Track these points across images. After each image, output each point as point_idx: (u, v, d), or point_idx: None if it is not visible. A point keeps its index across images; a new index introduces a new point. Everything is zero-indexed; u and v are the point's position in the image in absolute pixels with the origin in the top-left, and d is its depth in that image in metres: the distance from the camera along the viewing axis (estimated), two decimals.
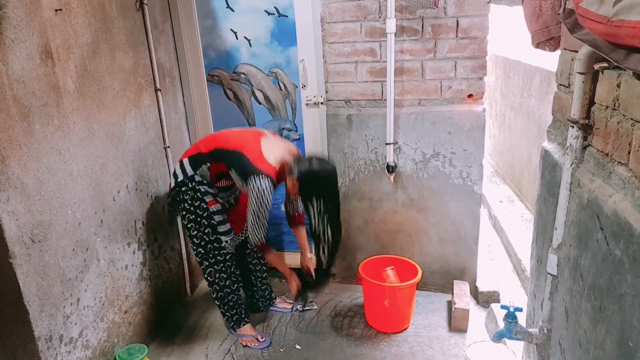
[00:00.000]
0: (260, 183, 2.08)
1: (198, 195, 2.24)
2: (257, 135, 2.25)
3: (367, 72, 2.57)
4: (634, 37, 0.91)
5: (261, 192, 2.08)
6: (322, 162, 2.17)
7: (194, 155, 2.25)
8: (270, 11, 2.65)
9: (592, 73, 1.30)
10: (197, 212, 2.25)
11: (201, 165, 2.22)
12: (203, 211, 2.25)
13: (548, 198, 1.62)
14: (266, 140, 2.23)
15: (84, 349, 2.00)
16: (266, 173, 2.10)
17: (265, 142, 2.21)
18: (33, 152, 1.70)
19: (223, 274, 2.35)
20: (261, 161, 2.13)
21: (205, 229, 2.27)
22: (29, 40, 1.67)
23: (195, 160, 2.24)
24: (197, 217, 2.26)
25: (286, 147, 2.27)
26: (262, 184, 2.08)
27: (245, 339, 2.44)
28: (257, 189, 2.08)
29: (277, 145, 2.25)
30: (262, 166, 2.12)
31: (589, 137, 1.34)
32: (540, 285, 1.70)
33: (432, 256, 2.78)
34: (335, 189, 2.22)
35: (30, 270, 1.69)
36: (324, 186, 2.15)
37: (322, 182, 2.14)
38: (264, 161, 2.13)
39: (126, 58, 2.28)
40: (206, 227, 2.27)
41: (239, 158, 2.15)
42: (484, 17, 2.37)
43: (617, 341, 1.09)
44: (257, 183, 2.08)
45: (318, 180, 2.13)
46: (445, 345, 2.38)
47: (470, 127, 2.50)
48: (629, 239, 1.02)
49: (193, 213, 2.26)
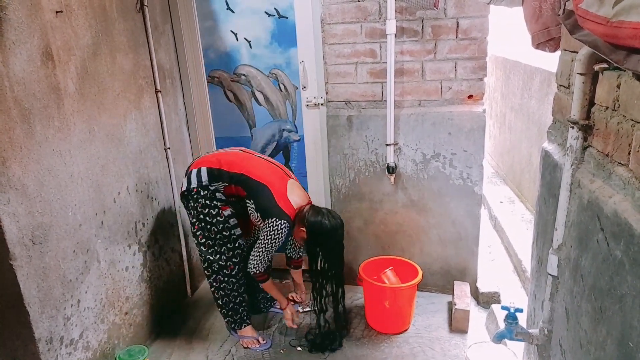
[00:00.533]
0: (280, 226, 2.16)
1: (210, 202, 2.22)
2: (284, 175, 2.30)
3: (367, 73, 2.57)
4: (633, 37, 0.91)
5: (278, 234, 2.17)
6: (332, 218, 2.25)
7: (214, 169, 2.23)
8: (270, 12, 2.65)
9: (592, 74, 1.30)
10: (207, 219, 2.24)
11: (219, 181, 2.23)
12: (214, 217, 2.24)
13: (548, 199, 1.62)
14: (291, 182, 2.30)
15: (85, 350, 2.00)
16: (288, 216, 2.18)
17: (290, 184, 2.28)
18: (34, 153, 1.70)
19: (233, 278, 2.35)
20: (285, 203, 2.19)
21: (217, 235, 2.26)
22: (30, 42, 1.68)
23: (213, 174, 2.23)
24: (207, 224, 2.25)
25: (305, 195, 2.34)
26: (282, 227, 2.16)
27: (246, 340, 2.44)
28: (276, 231, 2.16)
29: (298, 190, 2.32)
30: (285, 208, 2.18)
31: (589, 138, 1.34)
32: (540, 286, 1.70)
33: (433, 257, 2.78)
34: (340, 244, 2.30)
35: (30, 271, 1.69)
36: (330, 240, 2.24)
37: (327, 236, 2.22)
38: (287, 204, 2.20)
39: (126, 59, 2.29)
40: (218, 233, 2.26)
41: (263, 192, 2.19)
42: (484, 18, 2.37)
43: (617, 342, 1.08)
44: (277, 225, 2.16)
45: (325, 234, 2.22)
46: (446, 346, 2.38)
47: (470, 128, 2.50)
48: (629, 239, 1.02)
49: (203, 221, 2.25)
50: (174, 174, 2.70)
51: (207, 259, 2.33)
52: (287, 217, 2.19)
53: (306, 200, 2.33)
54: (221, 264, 2.32)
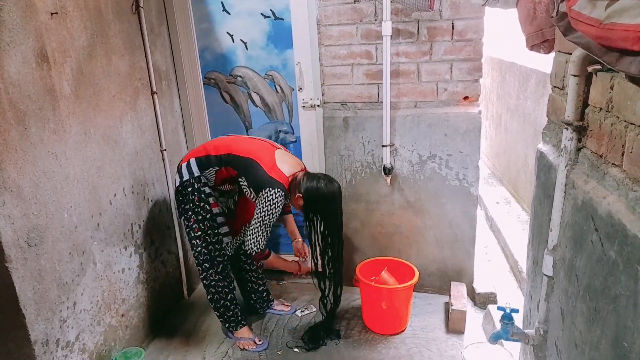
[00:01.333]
0: (275, 195, 2.10)
1: (203, 197, 2.23)
2: (271, 146, 2.28)
3: (363, 75, 2.58)
4: (625, 39, 0.91)
5: (274, 204, 2.11)
6: (328, 182, 2.20)
7: (202, 157, 2.24)
8: (266, 14, 2.66)
9: (585, 75, 1.30)
10: (202, 214, 2.25)
11: (209, 168, 2.22)
12: (207, 212, 2.25)
13: (543, 199, 1.62)
14: (280, 152, 2.26)
15: (81, 352, 2.00)
16: (281, 184, 2.13)
17: (279, 153, 2.24)
18: (29, 155, 1.69)
19: (220, 275, 2.35)
20: (276, 172, 2.15)
21: (208, 230, 2.27)
22: (25, 43, 1.67)
23: (202, 163, 2.23)
24: (202, 218, 2.25)
25: (297, 163, 2.30)
26: (276, 196, 2.10)
27: (243, 342, 2.44)
28: (271, 201, 2.10)
29: (289, 158, 2.28)
30: (277, 177, 2.14)
31: (583, 139, 1.35)
32: (536, 287, 1.70)
33: (429, 258, 2.79)
34: (338, 210, 2.26)
35: (26, 274, 1.68)
36: (327, 205, 2.19)
37: (325, 201, 2.18)
38: (278, 172, 2.16)
39: (122, 61, 2.28)
40: (209, 229, 2.26)
41: (252, 165, 2.16)
42: (479, 20, 2.38)
43: (612, 342, 1.09)
44: (270, 195, 2.10)
45: (322, 199, 2.17)
46: (443, 347, 2.38)
47: (466, 129, 2.51)
48: (623, 240, 1.03)
49: (199, 214, 2.25)
50: (170, 175, 2.70)
51: (199, 253, 2.31)
52: (280, 185, 2.12)
53: (299, 167, 2.28)
54: (210, 262, 2.32)
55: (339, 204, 2.25)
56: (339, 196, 2.24)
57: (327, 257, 2.30)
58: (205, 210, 2.24)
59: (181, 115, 2.90)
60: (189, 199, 2.24)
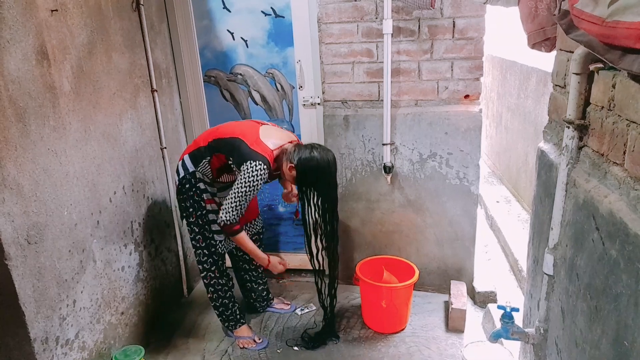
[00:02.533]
0: (255, 168, 2.02)
1: (198, 192, 2.22)
2: (255, 123, 2.23)
3: (363, 73, 2.57)
4: (628, 37, 0.91)
5: (253, 177, 2.02)
6: (322, 151, 2.11)
7: (194, 150, 2.22)
8: (266, 12, 2.65)
9: (587, 74, 1.30)
10: (199, 210, 2.24)
11: (201, 161, 2.19)
12: (202, 209, 2.24)
13: (544, 198, 1.62)
14: (265, 127, 2.20)
15: (80, 350, 1.99)
16: (263, 157, 2.04)
17: (264, 129, 2.18)
18: (29, 153, 1.69)
19: (219, 274, 2.35)
20: (259, 145, 2.07)
21: (203, 228, 2.27)
22: (25, 40, 1.67)
23: (195, 156, 2.21)
24: (200, 214, 2.25)
25: (286, 135, 2.23)
26: (257, 169, 2.02)
27: (242, 340, 2.44)
28: (250, 174, 2.02)
29: (276, 132, 2.21)
30: (260, 149, 2.06)
31: (585, 138, 1.34)
32: (536, 285, 1.70)
33: (429, 256, 2.79)
34: (333, 180, 2.17)
35: (26, 271, 1.68)
36: (322, 175, 2.11)
37: (320, 171, 2.09)
38: (261, 145, 2.08)
39: (122, 59, 2.28)
40: (203, 226, 2.26)
41: (235, 143, 2.10)
42: (480, 18, 2.37)
43: (612, 341, 1.09)
44: (251, 167, 2.02)
45: (317, 169, 2.08)
46: (442, 346, 2.38)
47: (466, 128, 2.51)
48: (624, 239, 1.02)
49: (197, 210, 2.24)
50: (170, 173, 2.69)
51: (198, 252, 2.31)
52: (262, 158, 2.04)
53: (287, 139, 2.20)
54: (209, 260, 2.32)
55: (334, 174, 2.16)
56: (334, 166, 2.15)
57: (322, 232, 2.23)
58: (200, 205, 2.24)
59: (181, 113, 2.90)
60: (188, 196, 2.24)
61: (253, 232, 2.49)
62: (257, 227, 2.51)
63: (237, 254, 2.56)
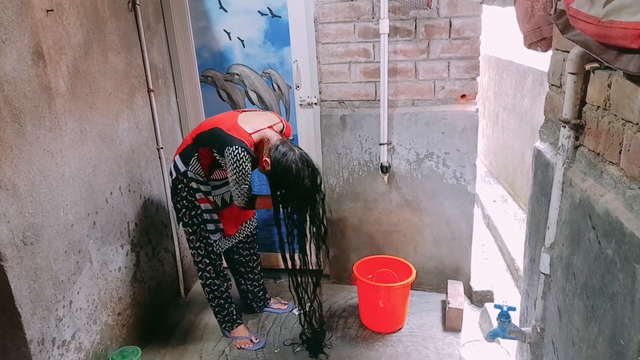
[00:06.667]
0: (234, 152, 2.01)
1: (191, 192, 2.22)
2: (236, 112, 2.22)
3: (360, 73, 2.57)
4: (624, 37, 0.91)
5: (237, 161, 2.01)
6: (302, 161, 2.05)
7: (183, 150, 2.22)
8: (263, 12, 2.65)
9: (583, 73, 1.31)
10: (193, 210, 2.24)
11: (191, 159, 2.18)
12: (195, 208, 2.23)
13: (541, 198, 1.63)
14: (245, 114, 2.19)
15: (77, 351, 1.99)
16: (240, 141, 2.03)
17: (243, 115, 2.17)
18: (24, 153, 1.68)
19: (215, 274, 2.34)
20: (236, 131, 2.07)
21: (197, 227, 2.26)
22: (20, 41, 1.66)
23: (184, 156, 2.20)
24: (194, 214, 2.24)
25: (267, 119, 2.20)
26: (237, 152, 2.00)
27: (239, 341, 2.44)
28: (233, 159, 2.01)
29: (255, 116, 2.20)
30: (236, 134, 2.05)
31: (581, 137, 1.35)
32: (533, 285, 1.71)
33: (427, 256, 2.79)
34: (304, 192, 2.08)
35: (22, 272, 1.67)
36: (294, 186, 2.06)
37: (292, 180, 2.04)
38: (238, 130, 2.07)
39: (119, 59, 2.27)
40: (198, 225, 2.26)
41: (214, 133, 2.10)
42: (477, 18, 2.38)
43: (609, 340, 1.09)
44: (230, 153, 2.02)
45: (289, 177, 2.03)
46: (440, 345, 2.38)
47: (463, 127, 2.51)
48: (620, 238, 1.03)
49: (191, 210, 2.24)
50: (167, 174, 2.69)
51: (194, 252, 2.31)
52: (239, 142, 2.03)
53: (268, 122, 2.17)
54: (205, 261, 2.31)
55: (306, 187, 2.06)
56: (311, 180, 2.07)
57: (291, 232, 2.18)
58: (194, 205, 2.23)
59: (178, 113, 2.89)
60: (181, 197, 2.23)
61: (247, 232, 2.48)
62: (251, 227, 2.51)
63: (234, 256, 2.56)
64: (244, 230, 2.46)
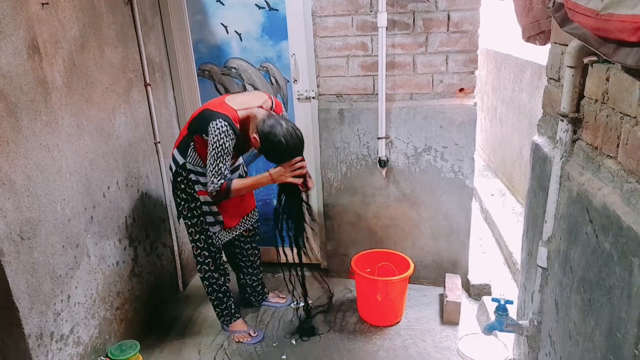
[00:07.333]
0: (216, 125, 1.98)
1: (190, 184, 2.21)
2: (225, 95, 2.21)
3: (358, 67, 2.56)
4: (622, 30, 0.91)
5: (217, 135, 1.97)
6: (289, 131, 2.02)
7: (180, 142, 2.21)
8: (260, 5, 2.63)
9: (581, 67, 1.30)
10: (192, 203, 2.23)
11: (187, 149, 2.17)
12: (194, 200, 2.23)
13: (538, 191, 1.63)
14: (233, 95, 2.18)
15: (75, 345, 1.99)
16: (224, 115, 2.00)
17: (231, 96, 2.17)
18: (21, 148, 1.67)
19: (214, 267, 2.34)
20: (222, 107, 2.06)
21: (196, 220, 2.26)
22: (15, 34, 1.65)
23: (181, 147, 2.19)
24: (193, 207, 2.24)
25: (255, 97, 2.19)
26: (219, 125, 1.97)
27: (238, 335, 2.44)
28: (213, 133, 1.98)
29: (244, 96, 2.18)
30: (221, 110, 2.04)
31: (579, 131, 1.35)
32: (530, 278, 1.71)
33: (425, 250, 2.79)
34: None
35: (19, 267, 1.67)
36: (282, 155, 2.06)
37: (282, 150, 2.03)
38: (224, 106, 2.06)
39: (115, 53, 2.26)
40: (197, 217, 2.25)
41: (202, 115, 2.08)
42: (475, 11, 2.37)
43: (606, 333, 1.10)
44: (212, 127, 1.99)
45: (276, 147, 2.02)
46: (437, 338, 2.39)
47: (461, 121, 2.51)
48: (617, 232, 1.03)
49: (191, 202, 2.23)
50: (165, 168, 2.68)
51: (193, 245, 2.31)
52: (222, 115, 2.00)
53: (257, 100, 2.15)
54: (204, 254, 2.31)
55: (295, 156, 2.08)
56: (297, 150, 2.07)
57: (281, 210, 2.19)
58: (194, 197, 2.22)
59: (175, 107, 2.88)
60: (180, 189, 2.23)
61: (248, 225, 2.47)
62: (252, 221, 2.50)
63: (234, 250, 2.55)
64: (244, 224, 2.45)
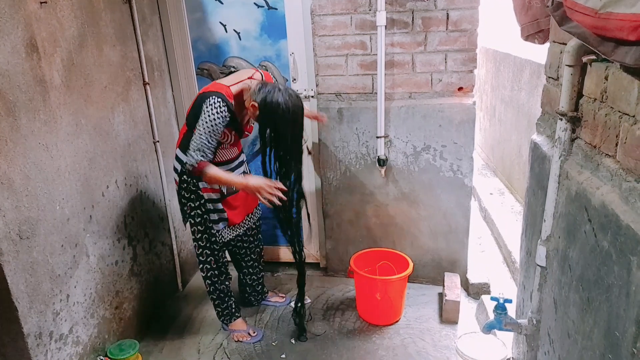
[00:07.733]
0: (209, 102, 1.96)
1: (195, 182, 2.19)
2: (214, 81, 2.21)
3: (357, 66, 2.56)
4: (621, 29, 0.91)
5: (209, 111, 1.95)
6: (286, 94, 1.99)
7: (182, 139, 2.19)
8: (259, 4, 2.63)
9: (580, 66, 1.30)
10: (196, 202, 2.22)
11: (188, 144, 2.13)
12: (199, 198, 2.22)
13: (537, 190, 1.63)
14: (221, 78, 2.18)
15: (75, 345, 1.99)
16: (217, 92, 1.99)
17: (220, 79, 2.16)
18: (19, 147, 1.67)
19: (215, 266, 2.34)
20: (214, 87, 2.05)
21: (199, 219, 2.25)
22: (14, 33, 1.64)
23: (183, 144, 2.16)
24: (197, 206, 2.23)
25: (245, 73, 2.18)
26: (211, 103, 1.95)
27: (237, 334, 2.44)
28: (206, 110, 1.96)
29: (232, 75, 2.16)
30: (214, 89, 2.02)
31: (578, 130, 1.35)
32: (529, 277, 1.71)
33: (424, 249, 2.80)
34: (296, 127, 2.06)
35: (18, 267, 1.67)
36: (283, 121, 2.00)
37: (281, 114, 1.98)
38: (216, 85, 2.05)
39: (114, 51, 2.25)
40: (201, 216, 2.25)
41: (196, 102, 2.06)
42: (474, 10, 2.37)
43: (604, 332, 1.10)
44: (205, 104, 1.96)
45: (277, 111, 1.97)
46: (437, 337, 2.40)
47: (460, 120, 2.51)
48: (616, 230, 1.03)
49: (195, 201, 2.22)
50: (164, 167, 2.68)
51: (196, 244, 2.31)
52: (216, 93, 1.97)
53: (247, 75, 2.14)
54: (205, 253, 2.31)
55: (297, 122, 2.05)
56: (297, 111, 2.03)
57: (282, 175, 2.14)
58: (198, 196, 2.22)
59: (174, 106, 2.88)
60: (185, 189, 2.22)
61: (250, 224, 2.47)
62: (255, 219, 2.50)
63: (237, 250, 2.55)
64: (248, 222, 2.45)
